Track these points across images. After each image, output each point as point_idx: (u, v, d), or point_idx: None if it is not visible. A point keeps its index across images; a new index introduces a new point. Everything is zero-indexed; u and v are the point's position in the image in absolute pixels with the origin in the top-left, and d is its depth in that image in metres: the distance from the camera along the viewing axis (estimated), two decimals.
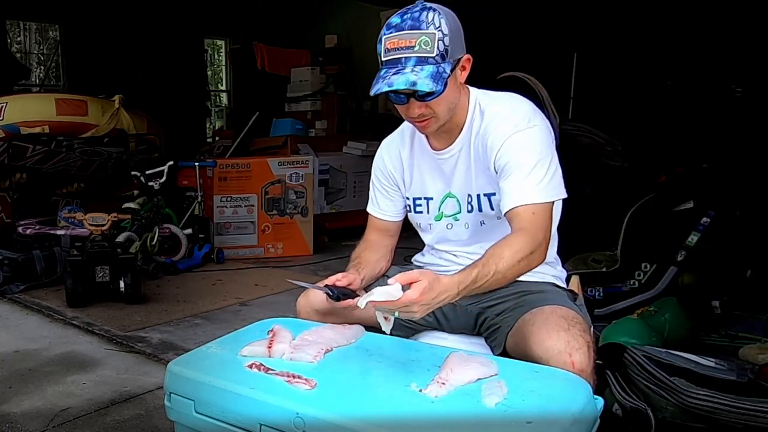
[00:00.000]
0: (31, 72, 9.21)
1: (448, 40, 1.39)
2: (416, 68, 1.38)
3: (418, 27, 1.38)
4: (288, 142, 5.77)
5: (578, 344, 1.35)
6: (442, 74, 1.39)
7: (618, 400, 1.99)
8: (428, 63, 1.39)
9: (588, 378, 1.33)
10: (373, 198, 1.77)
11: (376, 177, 1.76)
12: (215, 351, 1.43)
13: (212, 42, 10.06)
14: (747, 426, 1.76)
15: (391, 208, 1.75)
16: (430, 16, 1.39)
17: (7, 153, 4.47)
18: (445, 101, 1.45)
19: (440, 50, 1.39)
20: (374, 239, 1.76)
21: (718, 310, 2.96)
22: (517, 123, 1.49)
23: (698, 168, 3.76)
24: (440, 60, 1.39)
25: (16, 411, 2.32)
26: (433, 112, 1.47)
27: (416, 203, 1.70)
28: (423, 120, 1.49)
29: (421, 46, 1.38)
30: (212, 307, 3.63)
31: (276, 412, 1.18)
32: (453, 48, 1.41)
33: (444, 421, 1.13)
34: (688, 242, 3.22)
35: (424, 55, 1.38)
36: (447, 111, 1.49)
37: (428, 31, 1.38)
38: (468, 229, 1.63)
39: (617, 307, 3.23)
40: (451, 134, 1.58)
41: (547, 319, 1.42)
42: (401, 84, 1.37)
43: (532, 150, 1.47)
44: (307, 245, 5.09)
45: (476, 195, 1.59)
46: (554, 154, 1.50)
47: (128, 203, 4.50)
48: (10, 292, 3.86)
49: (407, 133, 1.70)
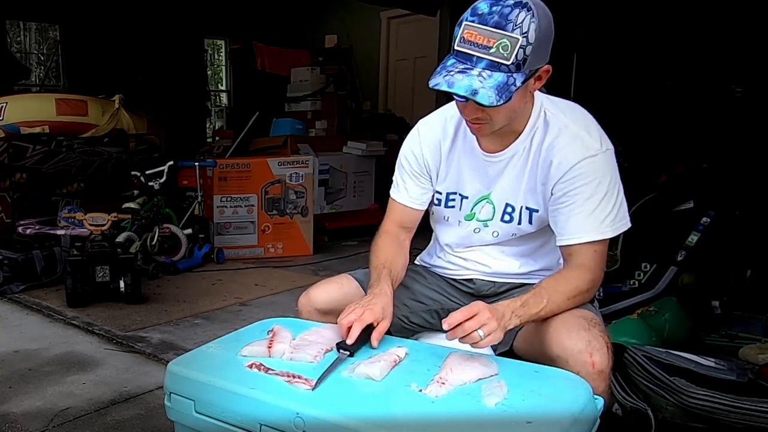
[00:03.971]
0: (31, 72, 9.21)
1: (531, 49, 1.24)
2: (484, 73, 1.25)
3: (503, 27, 1.23)
4: (288, 142, 5.77)
5: (599, 344, 1.32)
6: (510, 86, 1.25)
7: (618, 400, 1.99)
8: (500, 70, 1.25)
9: (606, 379, 1.32)
10: (400, 183, 1.64)
11: (407, 161, 1.62)
12: (215, 351, 1.43)
13: (212, 42, 10.06)
14: (747, 426, 1.76)
15: (417, 193, 1.62)
16: (520, 17, 1.23)
17: (7, 153, 4.48)
18: (506, 110, 1.34)
19: (518, 59, 1.24)
20: (395, 233, 1.64)
21: (718, 310, 2.96)
22: (590, 146, 1.39)
23: (698, 168, 3.77)
24: (514, 70, 1.25)
25: (16, 411, 2.31)
26: (489, 118, 1.37)
27: (449, 198, 1.60)
28: (477, 123, 1.39)
29: (498, 50, 1.23)
30: (212, 307, 3.63)
31: (276, 412, 1.18)
32: (534, 58, 1.27)
33: (444, 421, 1.13)
34: (688, 242, 3.22)
35: (498, 60, 1.24)
36: (505, 119, 1.38)
37: (512, 35, 1.23)
38: (496, 237, 1.57)
39: (617, 307, 3.23)
40: (506, 139, 1.47)
41: (566, 319, 1.38)
42: (461, 89, 1.24)
43: (603, 181, 1.39)
44: (307, 245, 5.08)
45: (519, 207, 1.51)
46: (620, 182, 1.43)
47: (128, 203, 4.49)
48: (10, 292, 3.85)
49: (451, 125, 1.57)
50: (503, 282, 1.65)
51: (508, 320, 1.30)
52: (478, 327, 1.24)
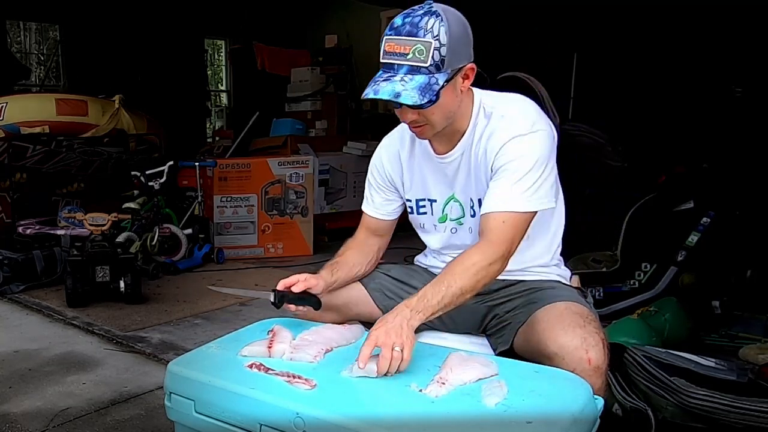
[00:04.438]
0: (31, 72, 9.21)
1: (446, 50, 1.33)
2: (406, 77, 1.34)
3: (415, 33, 1.32)
4: (288, 142, 5.77)
5: (594, 341, 1.34)
6: (432, 86, 1.33)
7: (618, 400, 1.99)
8: (420, 73, 1.33)
9: (602, 376, 1.33)
10: (369, 196, 1.74)
11: (372, 176, 1.72)
12: (215, 351, 1.43)
13: (212, 42, 10.05)
14: (747, 426, 1.76)
15: (385, 206, 1.71)
16: (430, 23, 1.32)
17: (7, 153, 4.48)
18: (439, 110, 1.40)
19: (435, 60, 1.33)
20: (363, 239, 1.73)
21: (718, 310, 2.97)
22: (520, 127, 1.44)
23: (698, 168, 3.77)
24: (434, 70, 1.33)
25: (16, 411, 2.32)
26: (426, 120, 1.43)
27: (419, 204, 1.66)
28: (417, 126, 1.46)
29: (414, 55, 1.33)
30: (212, 307, 3.63)
31: (276, 412, 1.18)
32: (453, 58, 1.35)
33: (444, 421, 1.13)
34: (688, 242, 3.22)
35: (416, 64, 1.33)
36: (443, 119, 1.44)
37: (424, 40, 1.32)
38: (472, 233, 1.59)
39: (617, 307, 3.23)
40: (453, 138, 1.53)
41: (562, 316, 1.40)
42: (385, 94, 1.33)
43: (528, 158, 1.42)
44: (307, 245, 5.08)
45: (477, 200, 1.55)
46: (552, 162, 1.45)
47: (128, 203, 4.49)
48: (10, 292, 3.85)
49: (407, 135, 1.64)
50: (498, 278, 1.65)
51: (410, 319, 1.31)
52: (391, 349, 1.26)
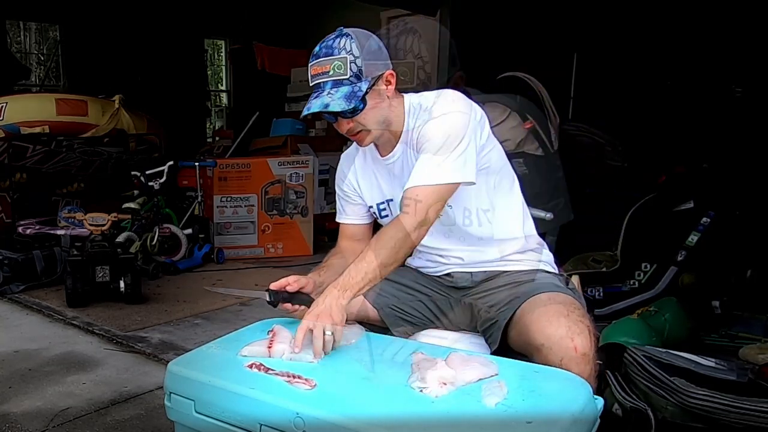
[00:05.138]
0: (31, 72, 9.21)
1: (361, 61, 1.50)
2: (332, 91, 1.51)
3: (331, 53, 1.51)
4: (288, 142, 5.76)
5: (579, 329, 1.38)
6: (357, 93, 1.50)
7: (618, 400, 1.99)
8: (343, 84, 1.51)
9: (590, 363, 1.35)
10: (340, 208, 1.84)
11: (338, 188, 1.83)
12: (215, 351, 1.43)
13: (212, 42, 10.05)
14: (747, 426, 1.76)
15: (356, 211, 1.81)
16: (341, 43, 1.51)
17: (7, 153, 4.48)
18: (370, 114, 1.55)
19: (353, 71, 1.50)
20: (345, 246, 1.81)
21: (718, 310, 2.96)
22: (436, 111, 1.54)
23: (698, 168, 3.76)
24: (355, 80, 1.51)
25: (16, 411, 2.32)
26: (362, 126, 1.57)
27: (380, 208, 1.75)
28: (355, 134, 1.60)
29: (335, 70, 1.51)
30: (212, 307, 3.63)
31: (276, 412, 1.18)
32: (370, 67, 1.52)
33: (444, 421, 1.13)
34: (688, 242, 3.22)
35: (338, 77, 1.51)
36: (375, 123, 1.58)
37: (340, 56, 1.50)
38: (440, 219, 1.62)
39: (617, 307, 3.23)
40: (393, 140, 1.65)
41: (546, 307, 1.45)
42: (316, 107, 1.51)
43: (442, 134, 1.50)
44: (307, 245, 5.08)
45: None
46: (468, 139, 1.51)
47: (128, 203, 4.50)
48: (10, 292, 3.85)
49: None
50: (479, 271, 1.70)
51: (338, 298, 1.41)
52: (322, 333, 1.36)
